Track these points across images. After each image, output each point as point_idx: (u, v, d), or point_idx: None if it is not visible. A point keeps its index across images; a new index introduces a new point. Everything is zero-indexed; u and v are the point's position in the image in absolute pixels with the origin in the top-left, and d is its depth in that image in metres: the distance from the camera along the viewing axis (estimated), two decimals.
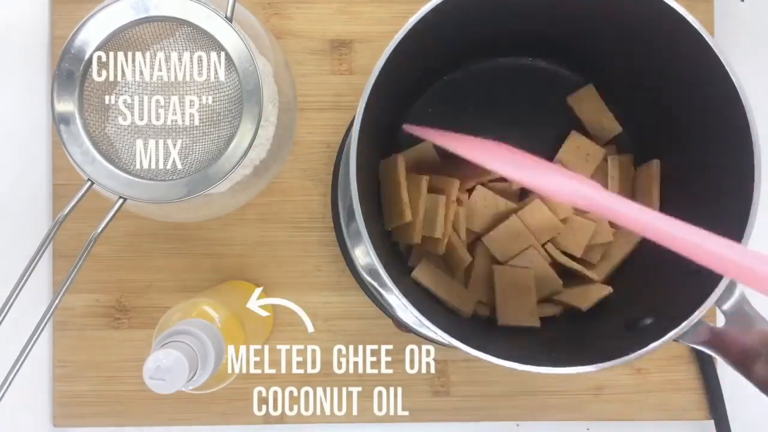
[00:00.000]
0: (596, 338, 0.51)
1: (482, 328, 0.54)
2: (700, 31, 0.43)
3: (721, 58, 0.43)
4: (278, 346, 0.59)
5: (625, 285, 0.54)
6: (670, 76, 0.49)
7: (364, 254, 0.53)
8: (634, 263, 0.54)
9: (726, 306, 0.44)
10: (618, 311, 0.53)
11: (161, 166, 0.43)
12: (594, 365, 0.43)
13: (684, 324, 0.43)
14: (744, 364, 0.43)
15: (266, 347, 0.59)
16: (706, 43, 0.43)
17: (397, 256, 0.54)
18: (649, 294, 0.51)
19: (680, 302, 0.45)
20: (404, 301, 0.43)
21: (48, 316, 0.40)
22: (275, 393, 0.59)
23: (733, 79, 0.43)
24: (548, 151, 0.55)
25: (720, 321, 0.45)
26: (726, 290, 0.43)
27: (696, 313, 0.43)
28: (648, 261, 0.54)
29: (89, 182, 0.41)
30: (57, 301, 0.40)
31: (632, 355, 0.43)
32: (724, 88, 0.44)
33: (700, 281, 0.44)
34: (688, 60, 0.46)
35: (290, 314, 0.59)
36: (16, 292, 0.40)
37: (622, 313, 0.51)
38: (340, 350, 0.59)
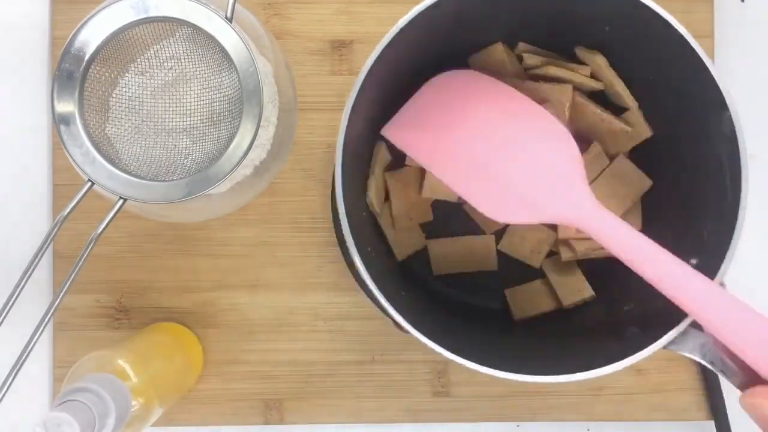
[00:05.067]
0: (587, 341, 0.51)
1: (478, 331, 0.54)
2: (687, 38, 0.43)
3: (707, 64, 0.43)
4: (278, 347, 0.59)
5: (608, 292, 0.54)
6: (658, 84, 0.49)
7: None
8: (617, 270, 0.54)
9: None
10: (603, 320, 0.52)
11: (161, 166, 0.43)
12: (584, 372, 0.43)
13: (672, 332, 0.41)
14: (742, 373, 0.40)
15: (265, 346, 0.59)
16: (692, 48, 0.43)
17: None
18: (635, 301, 0.50)
19: (665, 310, 0.43)
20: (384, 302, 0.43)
21: (48, 316, 0.40)
22: (275, 393, 0.59)
23: (720, 88, 0.43)
24: None
25: None
26: None
27: (684, 321, 0.41)
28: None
29: (89, 183, 0.41)
30: (57, 301, 0.40)
31: (620, 363, 0.42)
32: (713, 96, 0.43)
33: None
34: (676, 66, 0.45)
35: (290, 315, 0.59)
36: (17, 292, 0.39)
37: (608, 322, 0.51)
38: (340, 350, 0.59)
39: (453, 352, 0.43)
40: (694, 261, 0.44)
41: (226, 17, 0.42)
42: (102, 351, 0.47)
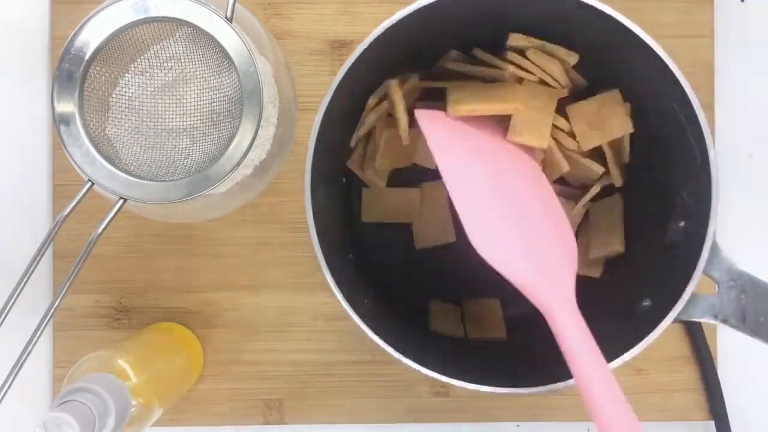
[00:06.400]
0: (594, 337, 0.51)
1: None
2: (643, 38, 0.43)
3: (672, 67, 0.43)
4: (278, 347, 0.59)
5: (613, 273, 0.54)
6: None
7: None
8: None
9: (716, 273, 0.44)
10: (611, 302, 0.52)
11: (161, 166, 0.43)
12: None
13: (680, 301, 0.43)
14: (750, 326, 0.43)
15: (265, 346, 0.59)
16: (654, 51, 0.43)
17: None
18: (638, 278, 0.51)
19: (670, 281, 0.45)
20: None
21: (48, 316, 0.40)
22: (275, 393, 0.59)
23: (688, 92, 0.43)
24: None
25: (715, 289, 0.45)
26: (710, 256, 0.43)
27: (688, 287, 0.43)
28: (628, 245, 0.54)
29: (89, 183, 0.41)
30: (57, 301, 0.40)
31: (636, 348, 0.43)
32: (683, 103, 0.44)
33: (682, 254, 0.44)
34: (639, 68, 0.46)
35: (290, 315, 0.59)
36: (17, 292, 0.39)
37: (619, 304, 0.51)
38: (340, 350, 0.59)
39: (445, 374, 0.45)
40: (681, 224, 0.46)
41: (226, 17, 0.42)
42: (102, 351, 0.47)
